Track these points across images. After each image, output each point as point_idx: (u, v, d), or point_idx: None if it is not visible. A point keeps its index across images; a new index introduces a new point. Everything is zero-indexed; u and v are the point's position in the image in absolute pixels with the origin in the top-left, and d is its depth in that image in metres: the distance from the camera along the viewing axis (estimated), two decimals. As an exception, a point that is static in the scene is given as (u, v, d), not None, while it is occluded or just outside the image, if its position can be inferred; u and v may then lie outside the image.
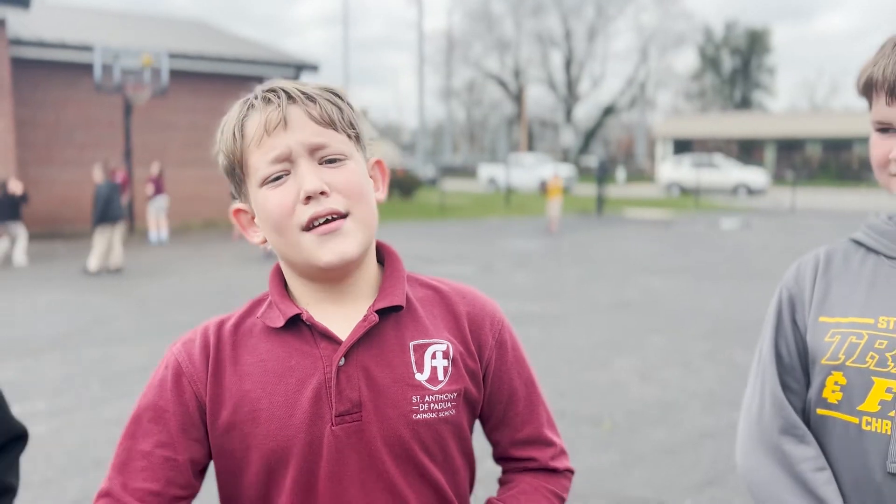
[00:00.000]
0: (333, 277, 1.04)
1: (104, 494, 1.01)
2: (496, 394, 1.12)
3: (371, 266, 1.08)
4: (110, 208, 10.79)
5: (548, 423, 1.18)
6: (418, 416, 1.02)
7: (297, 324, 1.03)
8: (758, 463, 1.19)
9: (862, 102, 1.20)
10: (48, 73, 15.75)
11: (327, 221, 0.99)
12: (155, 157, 17.11)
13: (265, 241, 1.07)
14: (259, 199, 1.02)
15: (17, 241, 11.53)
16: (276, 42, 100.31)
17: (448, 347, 1.06)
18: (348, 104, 1.05)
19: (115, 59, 14.99)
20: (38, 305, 8.46)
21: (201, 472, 1.06)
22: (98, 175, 11.04)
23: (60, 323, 7.51)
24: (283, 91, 1.01)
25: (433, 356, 1.05)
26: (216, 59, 17.84)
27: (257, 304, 1.10)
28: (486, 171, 37.79)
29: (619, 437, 4.48)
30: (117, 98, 15.84)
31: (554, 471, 1.16)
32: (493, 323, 1.12)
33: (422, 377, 1.03)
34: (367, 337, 1.02)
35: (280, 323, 1.03)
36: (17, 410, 4.83)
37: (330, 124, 1.01)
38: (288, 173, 0.99)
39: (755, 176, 32.93)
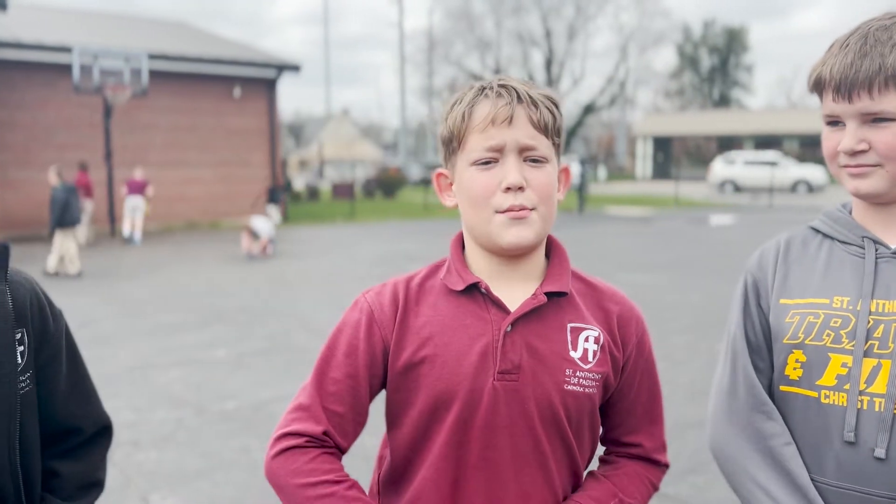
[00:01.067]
0: (510, 256, 1.19)
1: (301, 408, 1.19)
2: (627, 385, 1.27)
3: (541, 254, 1.24)
4: (67, 212, 10.67)
5: (659, 419, 1.32)
6: (569, 386, 1.17)
7: (472, 291, 1.19)
8: (729, 438, 1.28)
9: None
10: (26, 75, 15.63)
11: (519, 209, 1.15)
12: (136, 158, 17.02)
13: (456, 205, 1.23)
14: (466, 176, 1.18)
15: None
16: (256, 41, 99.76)
17: (600, 335, 1.21)
18: (561, 114, 1.20)
19: (94, 59, 14.90)
20: (20, 308, 8.40)
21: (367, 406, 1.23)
22: (53, 178, 10.95)
23: (44, 325, 7.47)
24: (515, 90, 1.16)
25: (586, 339, 1.20)
26: (197, 60, 17.77)
27: (437, 268, 1.26)
28: None
29: (603, 428, 4.55)
30: (97, 99, 15.74)
31: (654, 462, 1.31)
32: (637, 325, 1.28)
33: (575, 355, 1.19)
34: (532, 312, 1.18)
35: (460, 287, 1.19)
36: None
37: (543, 130, 1.17)
38: (496, 161, 1.16)
39: (815, 173, 31.45)
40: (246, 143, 19.03)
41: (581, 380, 1.18)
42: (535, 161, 1.16)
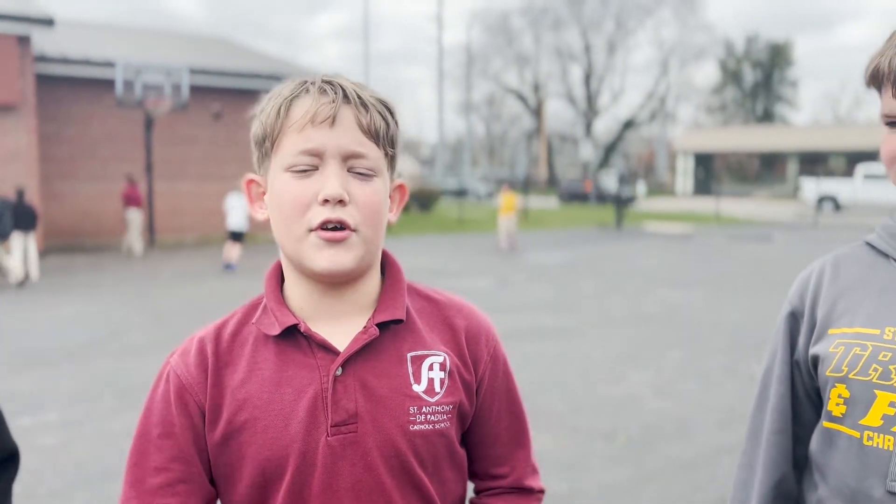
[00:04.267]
0: (331, 283, 1.03)
1: None
2: (485, 409, 1.11)
3: (373, 277, 1.07)
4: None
5: (526, 442, 1.17)
6: (415, 426, 1.01)
7: (293, 333, 1.01)
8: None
9: None
10: (72, 89, 15.99)
11: (335, 229, 0.97)
12: (176, 171, 17.30)
13: (268, 218, 1.05)
14: (278, 183, 1.00)
15: (30, 254, 11.58)
16: (295, 56, 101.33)
17: (445, 359, 1.05)
18: (396, 121, 1.04)
19: (137, 74, 15.20)
20: (56, 317, 8.53)
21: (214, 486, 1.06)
22: None
23: (77, 335, 7.56)
24: (342, 87, 1.00)
25: (430, 368, 1.04)
26: (235, 75, 18.03)
27: (253, 308, 1.07)
28: None
29: (633, 451, 4.39)
30: (139, 113, 16.05)
31: (528, 490, 1.15)
32: (488, 339, 1.11)
33: (419, 388, 1.02)
34: (364, 348, 1.01)
35: (276, 331, 1.01)
36: (30, 422, 4.87)
37: (374, 137, 1.00)
38: (315, 169, 0.98)
39: None
40: (283, 156, 19.22)
41: (429, 416, 1.01)
42: (361, 173, 0.99)
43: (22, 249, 11.43)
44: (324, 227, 0.97)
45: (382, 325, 1.02)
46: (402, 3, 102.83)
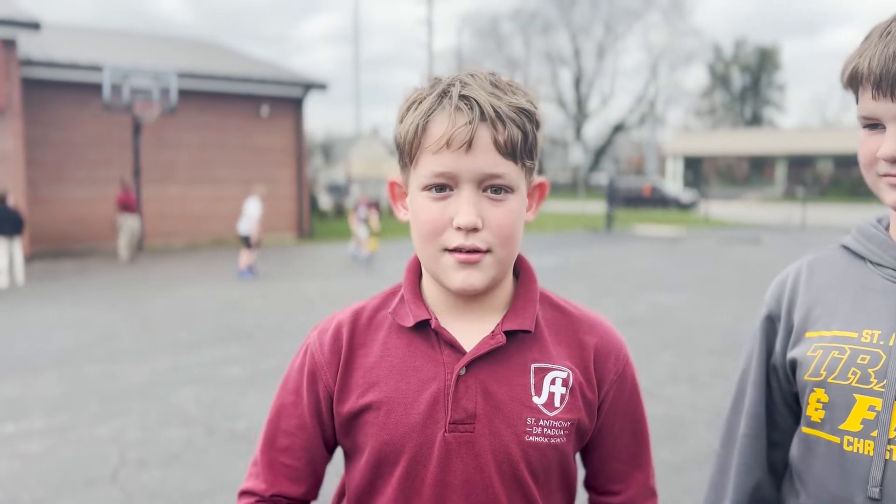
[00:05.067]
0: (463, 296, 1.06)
1: (254, 463, 1.13)
2: (605, 427, 1.12)
3: (506, 284, 1.09)
4: None
5: (646, 463, 1.18)
6: (530, 437, 1.02)
7: (424, 327, 1.05)
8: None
9: None
10: (59, 93, 15.88)
11: (470, 252, 1.00)
12: (164, 175, 17.20)
13: (408, 220, 1.09)
14: (416, 202, 1.03)
15: (15, 259, 11.46)
16: (285, 60, 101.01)
17: (569, 376, 1.05)
18: (537, 125, 1.03)
19: (125, 78, 15.12)
20: (41, 323, 8.44)
21: (331, 452, 1.14)
22: None
23: (64, 340, 7.48)
24: (478, 104, 0.98)
25: (552, 382, 1.05)
26: (225, 79, 17.95)
27: (390, 296, 1.12)
28: None
29: (623, 455, 4.37)
30: (126, 117, 15.96)
31: None
32: (618, 358, 1.11)
33: (539, 400, 1.04)
34: (489, 353, 1.03)
35: (409, 323, 1.06)
36: (14, 429, 4.80)
37: (510, 155, 0.99)
38: (451, 190, 1.00)
39: None
40: (273, 161, 19.14)
41: (545, 429, 1.03)
42: (497, 191, 0.99)
43: (7, 255, 11.32)
44: (458, 250, 1.00)
45: (510, 333, 1.04)
46: (392, 7, 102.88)
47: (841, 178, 44.02)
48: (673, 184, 38.07)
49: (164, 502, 3.72)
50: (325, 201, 30.08)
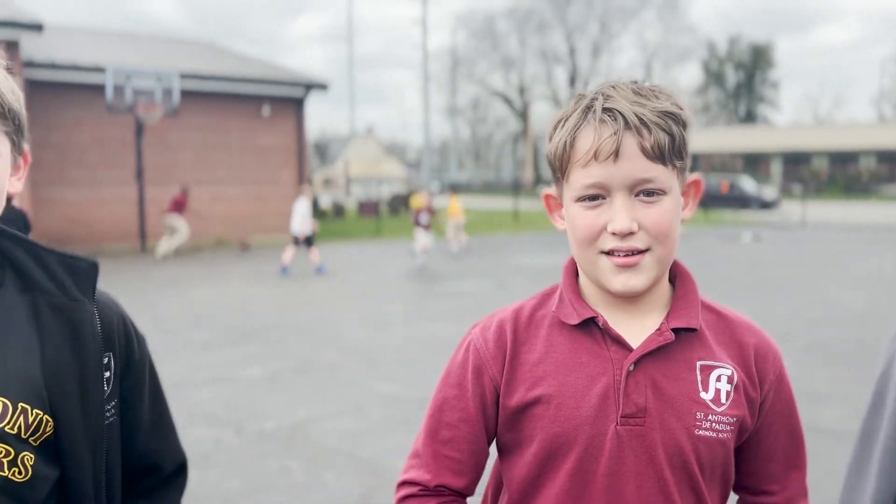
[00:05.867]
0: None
1: (416, 455, 1.17)
2: (765, 427, 1.15)
3: (664, 284, 1.12)
4: None
5: (802, 464, 1.19)
6: (700, 431, 1.05)
7: (589, 325, 1.09)
8: None
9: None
10: (60, 95, 15.85)
11: (627, 255, 1.03)
12: (166, 176, 17.18)
13: (565, 230, 1.12)
14: (571, 212, 1.07)
15: None
16: (275, 59, 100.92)
17: (733, 373, 1.09)
18: (683, 126, 1.05)
19: (127, 79, 15.10)
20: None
21: (489, 445, 1.18)
22: None
23: (78, 342, 7.47)
24: (622, 115, 1.01)
25: (718, 379, 1.08)
26: (226, 79, 17.94)
27: (547, 296, 1.16)
28: None
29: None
30: (129, 118, 15.93)
31: None
32: (775, 359, 1.15)
33: (706, 396, 1.07)
34: (656, 350, 1.07)
35: (575, 321, 1.09)
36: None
37: (659, 158, 1.02)
38: (603, 198, 1.04)
39: None
40: (275, 161, 19.14)
41: (714, 424, 1.06)
42: (649, 194, 1.03)
43: None
44: (615, 252, 1.03)
45: (676, 331, 1.08)
46: (385, 6, 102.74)
47: (836, 175, 44.25)
48: (753, 181, 34.25)
49: (206, 501, 3.75)
50: (325, 201, 30.07)
